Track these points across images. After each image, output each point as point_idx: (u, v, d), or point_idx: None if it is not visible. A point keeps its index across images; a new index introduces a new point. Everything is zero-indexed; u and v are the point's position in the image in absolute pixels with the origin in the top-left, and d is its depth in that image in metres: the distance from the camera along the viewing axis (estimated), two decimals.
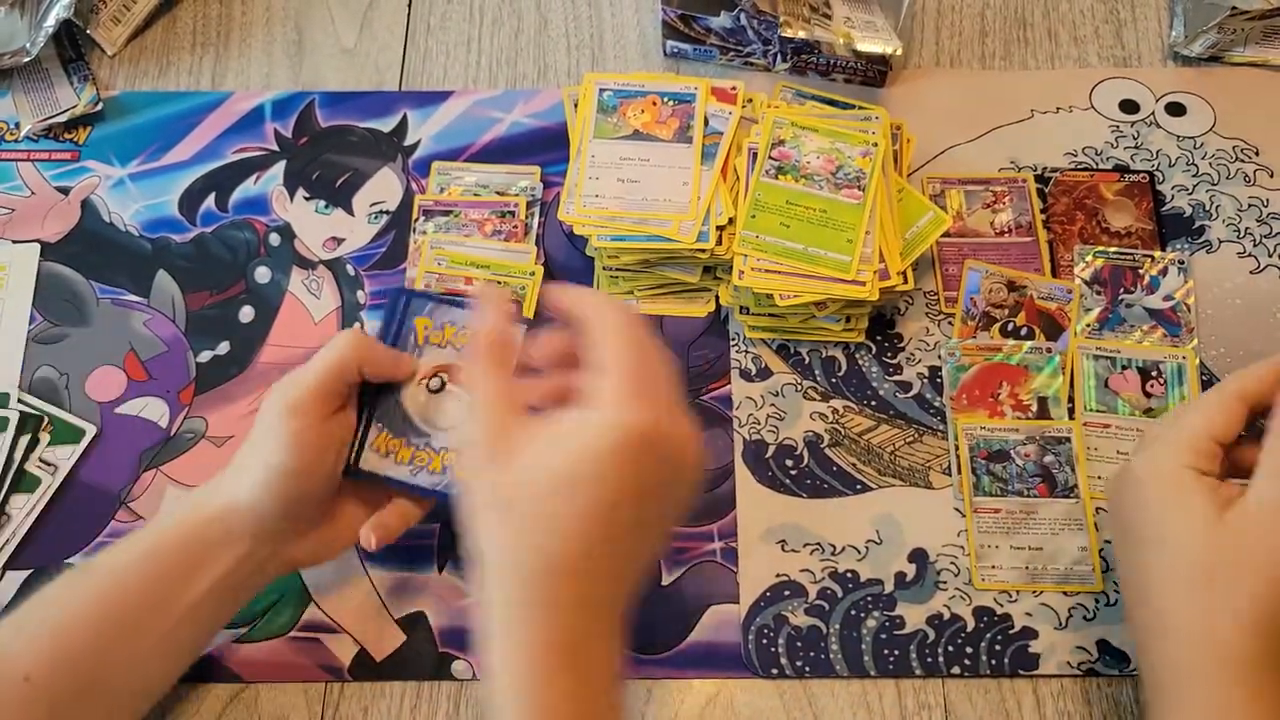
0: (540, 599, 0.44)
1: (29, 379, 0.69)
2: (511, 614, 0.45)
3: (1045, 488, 0.65)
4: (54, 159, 0.76)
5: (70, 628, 0.51)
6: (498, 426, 0.47)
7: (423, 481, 0.57)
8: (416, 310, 0.58)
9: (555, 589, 0.44)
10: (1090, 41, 0.79)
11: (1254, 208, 0.73)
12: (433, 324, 0.58)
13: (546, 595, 0.44)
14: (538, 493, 0.45)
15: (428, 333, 0.58)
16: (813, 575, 0.64)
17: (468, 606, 0.63)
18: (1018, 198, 0.73)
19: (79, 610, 0.52)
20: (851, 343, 0.69)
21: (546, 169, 0.74)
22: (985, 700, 0.61)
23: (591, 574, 0.45)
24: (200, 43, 0.81)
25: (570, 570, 0.44)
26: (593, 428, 0.45)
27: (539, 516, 0.45)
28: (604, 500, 0.44)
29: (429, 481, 0.57)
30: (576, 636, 0.44)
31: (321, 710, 0.61)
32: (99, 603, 0.52)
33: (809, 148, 0.68)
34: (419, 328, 0.58)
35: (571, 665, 0.44)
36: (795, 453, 0.67)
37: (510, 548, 0.45)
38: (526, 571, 0.45)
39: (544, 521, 0.44)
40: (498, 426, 0.47)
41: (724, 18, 0.75)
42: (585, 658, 0.45)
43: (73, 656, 0.51)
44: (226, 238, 0.74)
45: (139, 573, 0.53)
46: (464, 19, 0.81)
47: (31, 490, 0.66)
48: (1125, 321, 0.69)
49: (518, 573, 0.45)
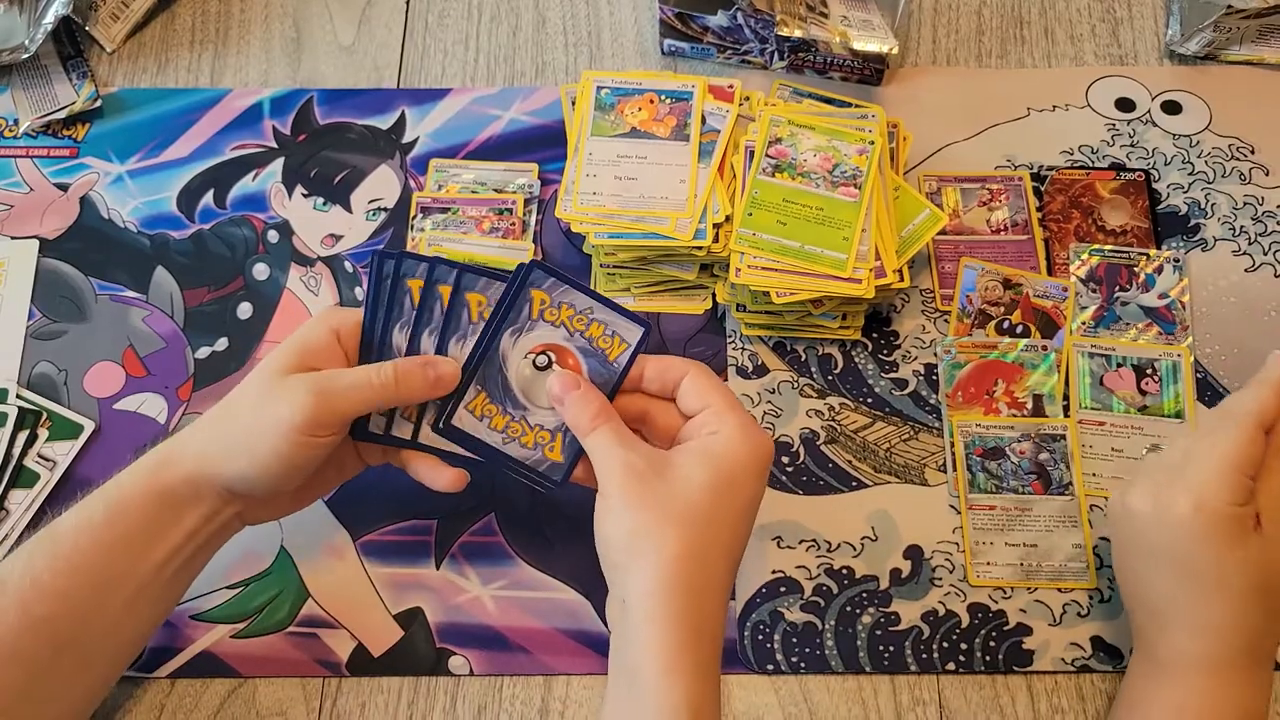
0: (699, 583, 0.50)
1: (28, 375, 0.69)
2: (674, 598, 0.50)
3: (1040, 485, 0.65)
4: (53, 155, 0.76)
5: (38, 593, 0.51)
6: (643, 459, 0.52)
7: (513, 451, 0.57)
8: (536, 282, 0.56)
9: (711, 574, 0.51)
10: (1086, 40, 0.79)
11: (1249, 206, 0.73)
12: (549, 300, 0.56)
13: (703, 579, 0.50)
14: (705, 498, 0.51)
15: (543, 308, 0.56)
16: (808, 572, 0.64)
17: (465, 603, 0.64)
18: (1014, 196, 0.73)
19: (45, 575, 0.51)
20: (848, 340, 0.69)
21: (544, 166, 0.75)
22: (980, 696, 0.61)
23: (733, 557, 0.53)
24: (199, 40, 0.81)
25: (725, 553, 0.52)
26: (742, 447, 0.52)
27: (711, 512, 0.51)
28: (753, 499, 0.53)
29: (519, 453, 0.57)
30: (710, 613, 0.51)
31: (319, 705, 0.62)
32: (66, 566, 0.52)
33: (806, 146, 0.68)
34: (534, 299, 0.56)
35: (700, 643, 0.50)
36: (791, 450, 0.67)
37: (684, 539, 0.50)
38: (697, 560, 0.50)
39: (717, 513, 0.51)
40: (643, 459, 0.52)
41: (721, 16, 0.75)
42: (710, 634, 0.51)
43: (46, 620, 0.51)
44: (225, 234, 0.74)
45: (105, 534, 0.52)
46: (462, 16, 0.81)
47: (30, 486, 0.66)
48: (1120, 319, 0.69)
49: (692, 559, 0.50)
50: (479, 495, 0.66)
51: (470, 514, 0.66)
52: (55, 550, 0.52)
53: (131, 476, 0.54)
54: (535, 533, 0.65)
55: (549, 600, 0.64)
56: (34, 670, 0.51)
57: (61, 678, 0.52)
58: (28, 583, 0.51)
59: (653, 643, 0.48)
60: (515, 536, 0.65)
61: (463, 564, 0.64)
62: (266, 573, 0.64)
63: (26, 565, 0.52)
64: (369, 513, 0.66)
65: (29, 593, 0.51)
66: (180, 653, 0.62)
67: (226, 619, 0.63)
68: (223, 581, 0.64)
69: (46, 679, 0.51)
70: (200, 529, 0.55)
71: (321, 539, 0.65)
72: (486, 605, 0.63)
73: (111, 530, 0.52)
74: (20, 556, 0.52)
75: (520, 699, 0.62)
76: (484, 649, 0.63)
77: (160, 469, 0.54)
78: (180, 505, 0.54)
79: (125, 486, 0.53)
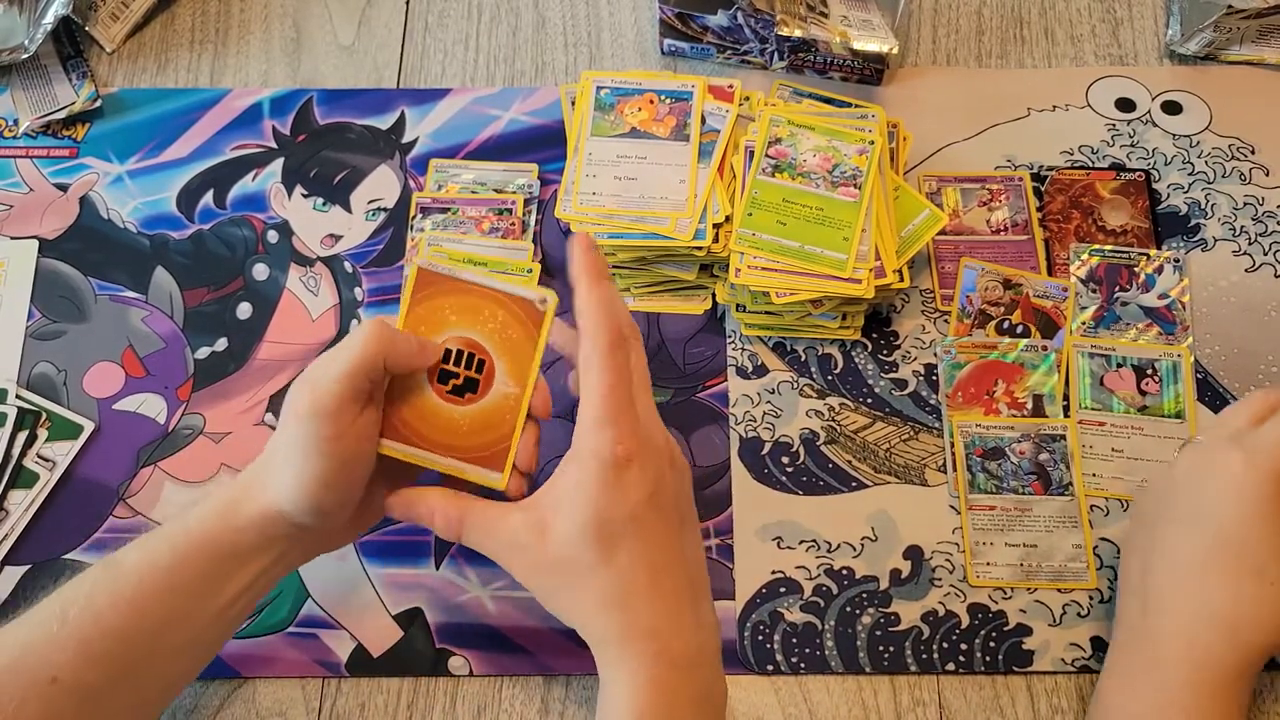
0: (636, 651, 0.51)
1: (27, 375, 0.69)
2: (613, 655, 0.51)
3: (1040, 485, 0.65)
4: (52, 155, 0.76)
5: (99, 630, 0.50)
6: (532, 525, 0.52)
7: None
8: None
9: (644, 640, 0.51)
10: (1087, 40, 0.79)
11: (1249, 206, 0.73)
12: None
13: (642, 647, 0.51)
14: (584, 557, 0.50)
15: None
16: (808, 572, 0.64)
17: (464, 603, 0.63)
18: (1014, 196, 0.73)
19: (107, 613, 0.50)
20: (848, 340, 0.69)
21: (544, 167, 0.75)
22: (979, 697, 0.61)
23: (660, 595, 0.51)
24: (199, 40, 0.81)
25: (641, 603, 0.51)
26: (579, 470, 0.50)
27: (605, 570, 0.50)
28: (616, 525, 0.50)
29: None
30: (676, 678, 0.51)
31: (319, 705, 0.62)
32: (129, 607, 0.51)
33: (806, 146, 0.68)
34: None
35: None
36: (791, 450, 0.67)
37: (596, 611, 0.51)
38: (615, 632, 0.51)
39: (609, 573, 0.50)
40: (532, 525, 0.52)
41: (721, 16, 0.75)
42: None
43: (102, 656, 0.50)
44: (224, 234, 0.74)
45: (169, 579, 0.51)
46: (462, 16, 0.81)
47: (29, 486, 0.66)
48: (1120, 319, 0.69)
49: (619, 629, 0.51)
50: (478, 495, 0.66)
51: None
52: (117, 588, 0.51)
53: (200, 521, 0.52)
54: None
55: None
56: (86, 698, 0.50)
57: (114, 707, 0.52)
58: (89, 617, 0.50)
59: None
60: None
61: (462, 564, 0.64)
62: None
63: (89, 599, 0.51)
64: None
65: (90, 628, 0.50)
66: None
67: None
68: None
69: (98, 708, 0.51)
70: (267, 570, 0.54)
71: None
72: (486, 605, 0.63)
73: (176, 576, 0.51)
74: (81, 586, 0.51)
75: (520, 699, 0.62)
76: (484, 649, 0.62)
77: (228, 514, 0.52)
78: (247, 552, 0.53)
79: (194, 533, 0.52)
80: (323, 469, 0.50)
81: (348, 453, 0.51)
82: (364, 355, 0.50)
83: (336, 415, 0.50)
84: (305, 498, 0.51)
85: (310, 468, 0.50)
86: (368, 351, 0.50)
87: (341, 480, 0.52)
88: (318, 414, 0.49)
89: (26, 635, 0.50)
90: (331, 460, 0.50)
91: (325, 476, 0.51)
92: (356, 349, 0.50)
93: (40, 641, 0.50)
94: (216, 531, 0.52)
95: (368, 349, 0.50)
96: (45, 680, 0.49)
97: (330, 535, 0.56)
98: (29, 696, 0.48)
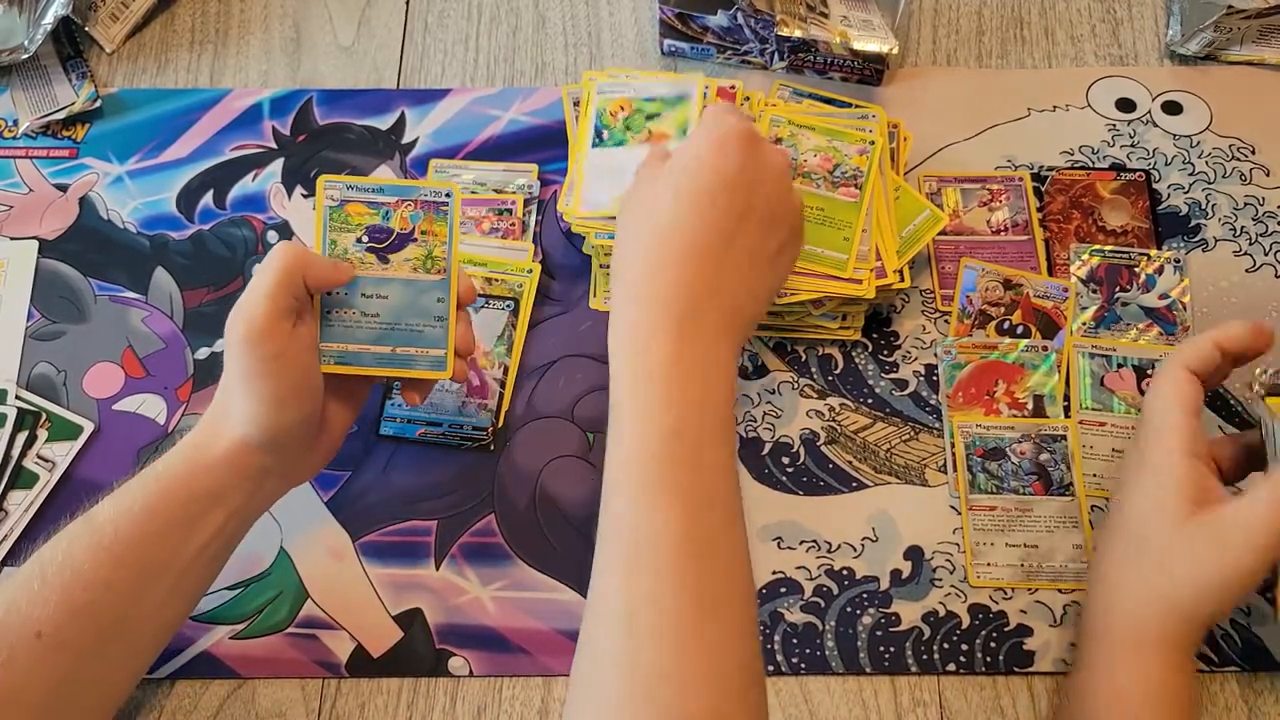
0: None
1: (27, 375, 0.69)
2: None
3: (1040, 485, 0.65)
4: (52, 156, 0.76)
5: (80, 582, 0.51)
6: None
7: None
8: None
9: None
10: (1087, 40, 0.79)
11: (1250, 206, 0.73)
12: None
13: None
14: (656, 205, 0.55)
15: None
16: (809, 572, 0.64)
17: (464, 604, 0.63)
18: (1014, 196, 0.73)
19: (86, 565, 0.51)
20: (848, 341, 0.69)
21: (544, 167, 0.75)
22: (980, 697, 0.61)
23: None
24: (198, 40, 0.81)
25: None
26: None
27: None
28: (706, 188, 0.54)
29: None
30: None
31: (319, 706, 0.62)
32: (107, 556, 0.51)
33: (806, 146, 0.68)
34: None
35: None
36: (792, 450, 0.67)
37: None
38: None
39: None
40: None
41: (721, 16, 0.75)
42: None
43: (85, 608, 0.51)
44: (224, 235, 0.74)
45: (144, 526, 0.52)
46: (462, 17, 0.81)
47: (29, 486, 0.66)
48: (1121, 320, 0.69)
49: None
50: (479, 496, 0.66)
51: (470, 514, 0.66)
52: (95, 540, 0.52)
53: (169, 467, 0.54)
54: (535, 533, 0.65)
55: (549, 601, 0.63)
56: (81, 656, 0.51)
57: (108, 662, 0.52)
58: (68, 571, 0.51)
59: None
60: (515, 537, 0.65)
61: (462, 565, 0.64)
62: (266, 574, 0.64)
63: (66, 555, 0.51)
64: (369, 513, 0.66)
65: (70, 582, 0.51)
66: (180, 653, 0.62)
67: (226, 620, 0.63)
68: (222, 582, 0.63)
69: (93, 664, 0.52)
70: (238, 510, 0.55)
71: (321, 540, 0.65)
72: (486, 606, 0.63)
73: (153, 520, 0.53)
74: (59, 543, 0.52)
75: (520, 700, 0.62)
76: (484, 650, 0.62)
77: (196, 457, 0.54)
78: (219, 490, 0.54)
79: (164, 478, 0.53)
80: (274, 388, 0.53)
81: (295, 368, 0.54)
82: (280, 271, 0.53)
83: (272, 334, 0.52)
84: (265, 417, 0.53)
85: (263, 388, 0.53)
86: (282, 267, 0.53)
87: (294, 398, 0.54)
88: (253, 336, 0.52)
89: (9, 594, 0.51)
90: (280, 379, 0.53)
91: (279, 394, 0.53)
92: (272, 268, 0.53)
93: (22, 599, 0.50)
94: (186, 475, 0.54)
95: (283, 264, 0.53)
96: (30, 635, 0.49)
97: (296, 465, 0.58)
98: (16, 652, 0.49)
